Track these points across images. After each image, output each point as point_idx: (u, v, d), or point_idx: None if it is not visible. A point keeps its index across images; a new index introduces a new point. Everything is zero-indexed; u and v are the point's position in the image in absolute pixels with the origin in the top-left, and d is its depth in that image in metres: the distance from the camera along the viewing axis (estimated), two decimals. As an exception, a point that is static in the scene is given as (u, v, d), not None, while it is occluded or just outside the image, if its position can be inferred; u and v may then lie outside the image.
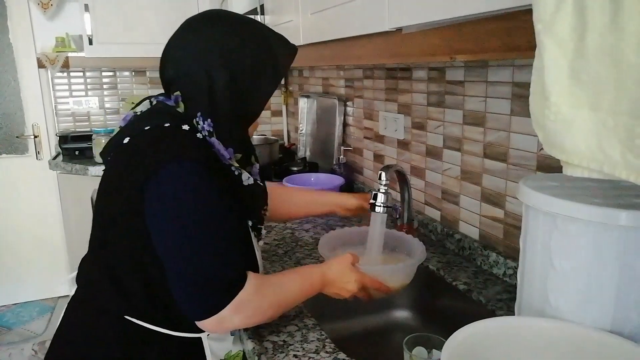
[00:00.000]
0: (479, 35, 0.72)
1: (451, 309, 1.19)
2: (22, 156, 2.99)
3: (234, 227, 0.86)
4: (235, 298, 0.80)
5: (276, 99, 3.00)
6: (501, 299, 1.08)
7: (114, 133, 0.92)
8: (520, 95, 1.11)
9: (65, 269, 3.14)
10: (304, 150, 2.50)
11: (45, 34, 2.84)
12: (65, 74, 2.91)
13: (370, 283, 0.98)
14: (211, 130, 0.86)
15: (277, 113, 3.02)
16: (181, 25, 0.92)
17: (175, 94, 0.89)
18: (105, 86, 3.01)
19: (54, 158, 2.79)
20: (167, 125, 0.84)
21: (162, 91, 0.95)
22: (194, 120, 0.86)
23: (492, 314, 1.03)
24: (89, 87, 2.98)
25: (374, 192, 1.18)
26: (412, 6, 0.84)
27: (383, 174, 1.14)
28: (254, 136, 2.52)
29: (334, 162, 2.04)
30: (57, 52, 2.73)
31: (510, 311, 1.02)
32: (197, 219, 0.79)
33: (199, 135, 0.86)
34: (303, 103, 2.46)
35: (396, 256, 1.17)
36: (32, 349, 2.60)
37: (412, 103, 1.55)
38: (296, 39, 1.45)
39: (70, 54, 2.74)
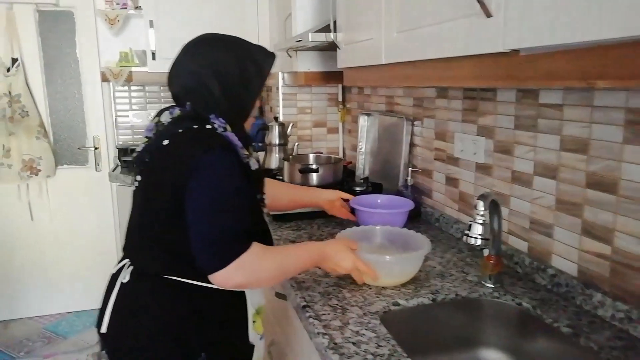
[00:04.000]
0: (632, 59, 0.64)
1: (552, 354, 1.08)
2: (82, 167, 3.06)
3: (250, 202, 1.09)
4: (238, 258, 1.00)
5: (332, 116, 2.96)
6: (615, 346, 0.97)
7: (146, 141, 1.13)
8: (636, 122, 1.01)
9: (118, 279, 3.17)
10: (362, 170, 2.44)
11: (109, 49, 2.91)
12: (126, 88, 2.97)
13: (362, 266, 1.17)
14: (224, 126, 1.09)
15: (332, 130, 2.97)
16: (182, 49, 1.15)
17: (187, 104, 1.10)
18: (163, 100, 3.05)
19: (113, 170, 2.83)
20: (195, 126, 1.07)
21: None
22: (210, 120, 1.08)
23: (609, 365, 0.92)
24: (148, 100, 3.03)
25: (469, 222, 1.10)
26: (539, 26, 0.76)
27: (481, 203, 1.07)
28: (319, 155, 2.49)
29: (400, 184, 1.97)
30: (120, 66, 2.79)
31: (631, 363, 0.91)
32: (224, 194, 1.01)
33: (218, 131, 1.07)
34: (363, 121, 2.41)
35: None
36: (87, 360, 2.62)
37: (495, 125, 1.46)
38: (376, 58, 1.40)
39: (133, 69, 2.79)
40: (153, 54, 2.62)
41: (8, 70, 2.76)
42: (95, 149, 3.04)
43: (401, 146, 2.00)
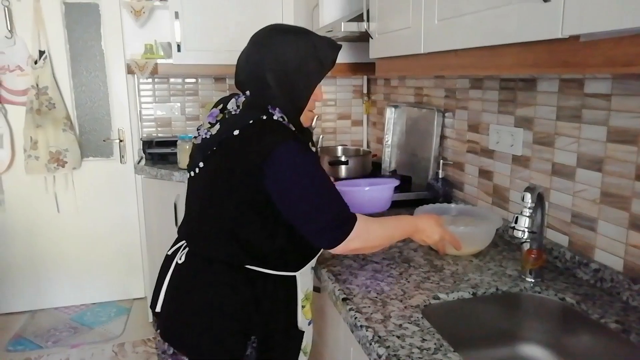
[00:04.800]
0: None
1: (599, 350, 1.06)
2: (107, 159, 3.08)
3: (332, 182, 1.12)
4: (355, 227, 1.09)
5: (357, 109, 2.93)
6: (669, 344, 0.94)
7: (208, 128, 1.15)
8: (693, 112, 0.97)
9: (142, 271, 3.19)
10: (388, 162, 2.41)
11: (134, 41, 2.91)
12: (149, 80, 2.97)
13: (449, 237, 1.27)
14: (282, 115, 1.11)
15: (357, 123, 2.95)
16: (250, 38, 1.17)
17: (247, 92, 1.15)
18: (187, 92, 3.04)
19: (139, 162, 2.84)
20: (264, 117, 1.08)
21: (236, 92, 1.20)
22: (268, 110, 1.10)
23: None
24: (171, 92, 3.03)
25: (515, 215, 1.08)
26: (604, 10, 0.73)
27: (528, 196, 1.04)
28: (346, 147, 2.46)
29: (431, 177, 1.94)
30: (146, 58, 2.78)
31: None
32: (312, 180, 1.06)
33: (285, 123, 1.10)
34: (390, 113, 2.38)
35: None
36: (113, 350, 2.65)
37: (534, 117, 1.43)
38: (414, 48, 1.37)
39: (158, 61, 2.79)
40: (178, 45, 2.61)
41: (36, 62, 2.78)
42: (120, 141, 3.05)
43: (431, 138, 1.97)
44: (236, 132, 1.07)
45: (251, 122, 1.07)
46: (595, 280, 1.21)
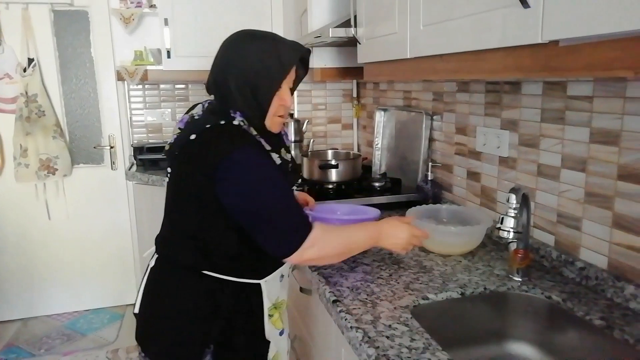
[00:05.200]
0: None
1: (584, 347, 1.08)
2: (98, 166, 3.07)
3: (289, 190, 1.12)
4: (309, 235, 1.07)
5: (347, 112, 2.95)
6: (651, 339, 0.97)
7: (177, 133, 1.15)
8: (671, 113, 1.00)
9: (135, 277, 3.19)
10: (378, 165, 2.43)
11: (124, 48, 2.91)
12: (140, 87, 2.97)
13: (417, 231, 1.24)
14: (244, 120, 1.10)
15: (347, 126, 2.97)
16: (220, 44, 1.17)
17: (211, 96, 1.17)
18: (177, 98, 3.05)
19: (130, 168, 2.84)
20: (222, 122, 1.09)
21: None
22: (231, 115, 1.10)
23: (648, 357, 0.92)
24: (162, 99, 3.03)
25: (501, 216, 1.10)
26: (582, 16, 0.76)
27: (513, 197, 1.06)
28: (337, 151, 2.47)
29: (420, 179, 1.96)
30: (135, 65, 2.79)
31: (670, 355, 0.91)
32: (266, 188, 1.05)
33: (245, 127, 1.09)
34: (379, 116, 2.40)
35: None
36: (106, 357, 2.64)
37: (520, 119, 1.45)
38: (400, 53, 1.40)
39: (148, 67, 2.79)
40: (168, 52, 2.62)
41: (25, 70, 2.78)
42: (111, 147, 3.04)
43: (420, 141, 1.99)
44: (193, 137, 1.09)
45: (208, 126, 1.09)
46: (581, 278, 1.23)
